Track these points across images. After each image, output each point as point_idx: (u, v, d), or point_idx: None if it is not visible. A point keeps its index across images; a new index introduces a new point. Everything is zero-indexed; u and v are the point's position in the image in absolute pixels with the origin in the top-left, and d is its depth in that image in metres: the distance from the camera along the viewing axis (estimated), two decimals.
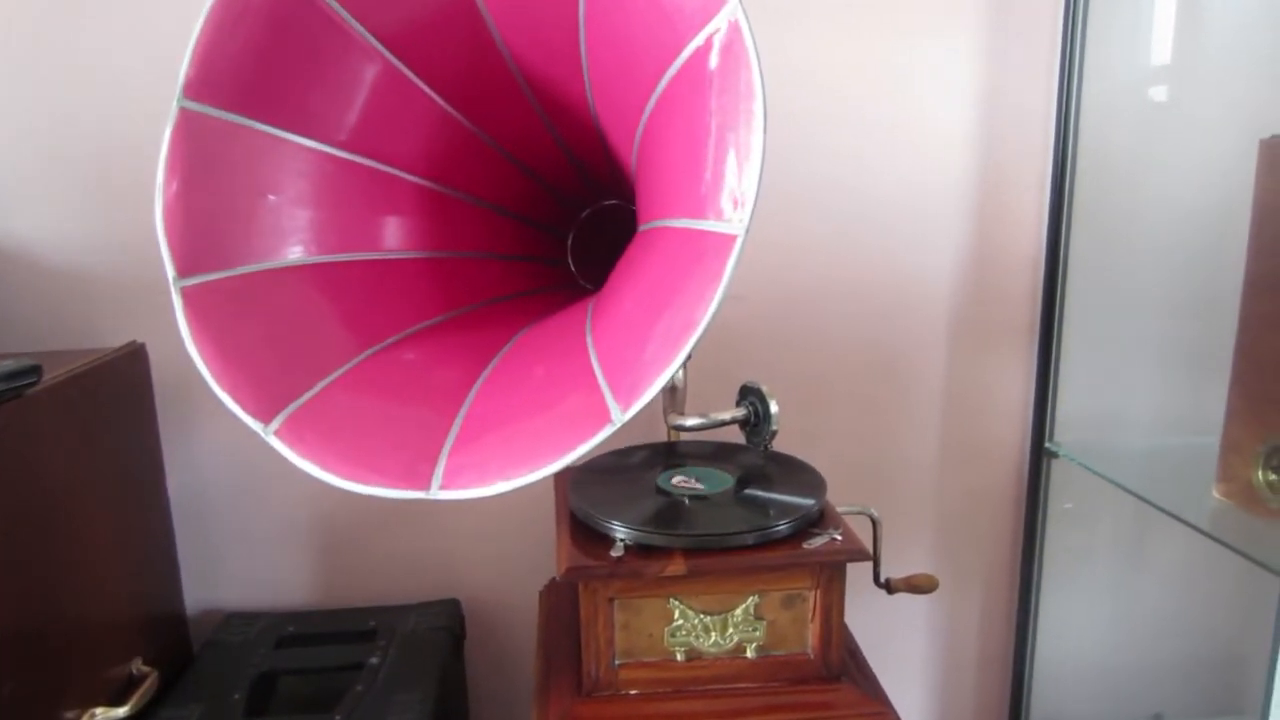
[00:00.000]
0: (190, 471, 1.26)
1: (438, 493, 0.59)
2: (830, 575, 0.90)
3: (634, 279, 0.64)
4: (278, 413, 0.65)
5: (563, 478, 1.11)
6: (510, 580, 1.37)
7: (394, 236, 0.77)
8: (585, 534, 0.93)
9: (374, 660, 1.13)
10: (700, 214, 0.56)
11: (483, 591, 1.38)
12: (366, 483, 0.60)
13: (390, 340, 0.71)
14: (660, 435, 1.16)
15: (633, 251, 0.65)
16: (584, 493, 0.99)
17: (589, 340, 0.63)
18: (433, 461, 0.60)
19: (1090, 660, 1.43)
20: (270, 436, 0.63)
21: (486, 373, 0.69)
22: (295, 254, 0.71)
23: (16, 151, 1.15)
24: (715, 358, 1.26)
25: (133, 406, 1.06)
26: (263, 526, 1.31)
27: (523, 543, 1.37)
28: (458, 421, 0.63)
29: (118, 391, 1.03)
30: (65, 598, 0.94)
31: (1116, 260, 1.30)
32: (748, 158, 0.53)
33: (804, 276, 1.30)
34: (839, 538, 0.91)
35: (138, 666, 1.05)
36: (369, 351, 0.69)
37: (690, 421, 1.06)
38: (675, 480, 1.03)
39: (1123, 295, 1.31)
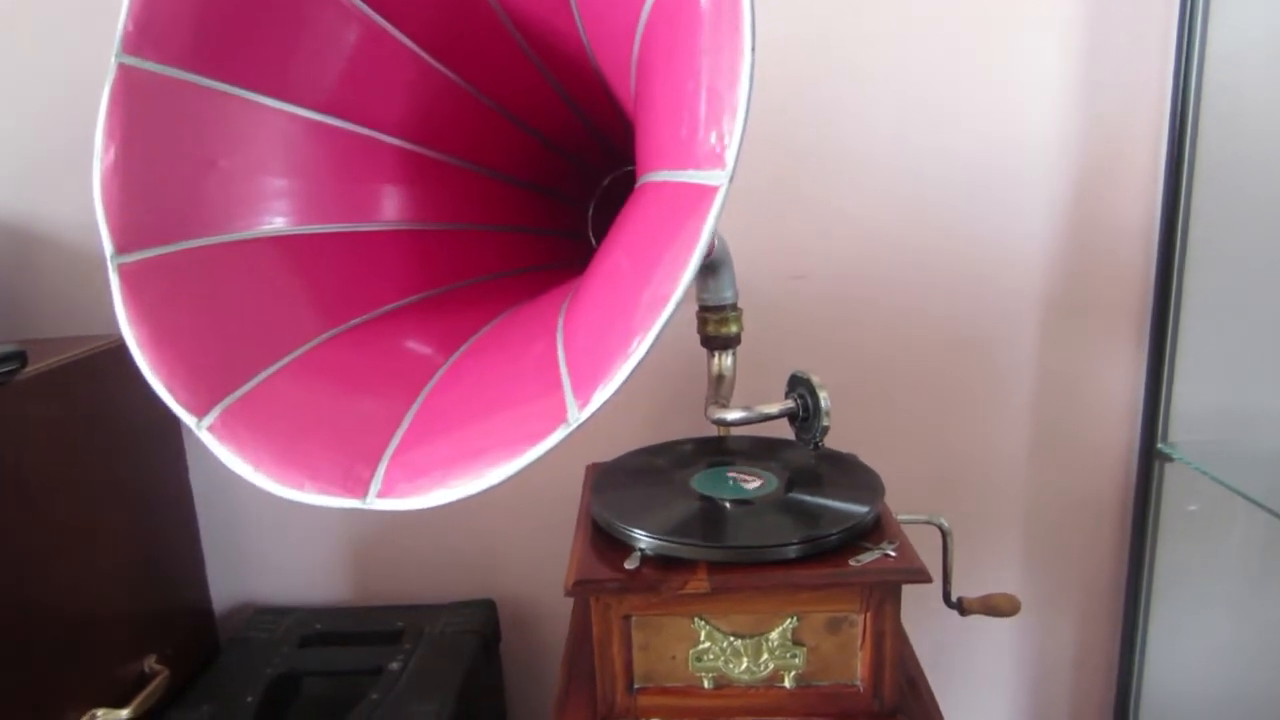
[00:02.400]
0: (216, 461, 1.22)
1: (374, 501, 0.50)
2: (882, 597, 0.78)
3: (609, 247, 0.53)
4: (215, 404, 0.57)
5: (588, 477, 1.01)
6: (550, 582, 1.27)
7: (370, 206, 0.68)
8: (604, 542, 0.83)
9: (394, 665, 1.06)
10: (680, 163, 0.45)
11: (522, 593, 1.30)
12: (299, 487, 0.52)
13: (355, 322, 0.63)
14: (709, 430, 1.05)
15: (621, 216, 0.54)
16: (605, 495, 0.89)
17: (560, 323, 0.53)
18: (373, 464, 0.51)
19: (1206, 694, 1.25)
20: (202, 432, 0.56)
21: (451, 360, 0.60)
22: (250, 227, 0.63)
23: (41, 134, 1.13)
24: (770, 343, 1.14)
25: (144, 391, 1.01)
26: (295, 519, 1.26)
27: (564, 542, 1.27)
28: (408, 417, 0.54)
29: (126, 376, 0.98)
30: (65, 592, 0.89)
31: (1245, 231, 1.11)
32: (734, 84, 0.42)
33: (874, 249, 1.16)
34: (893, 553, 0.78)
35: (150, 664, 1.01)
36: (327, 335, 0.61)
37: (732, 415, 0.95)
38: (711, 481, 0.91)
39: (1252, 272, 1.12)
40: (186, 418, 0.56)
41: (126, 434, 0.99)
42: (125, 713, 0.92)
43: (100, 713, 0.91)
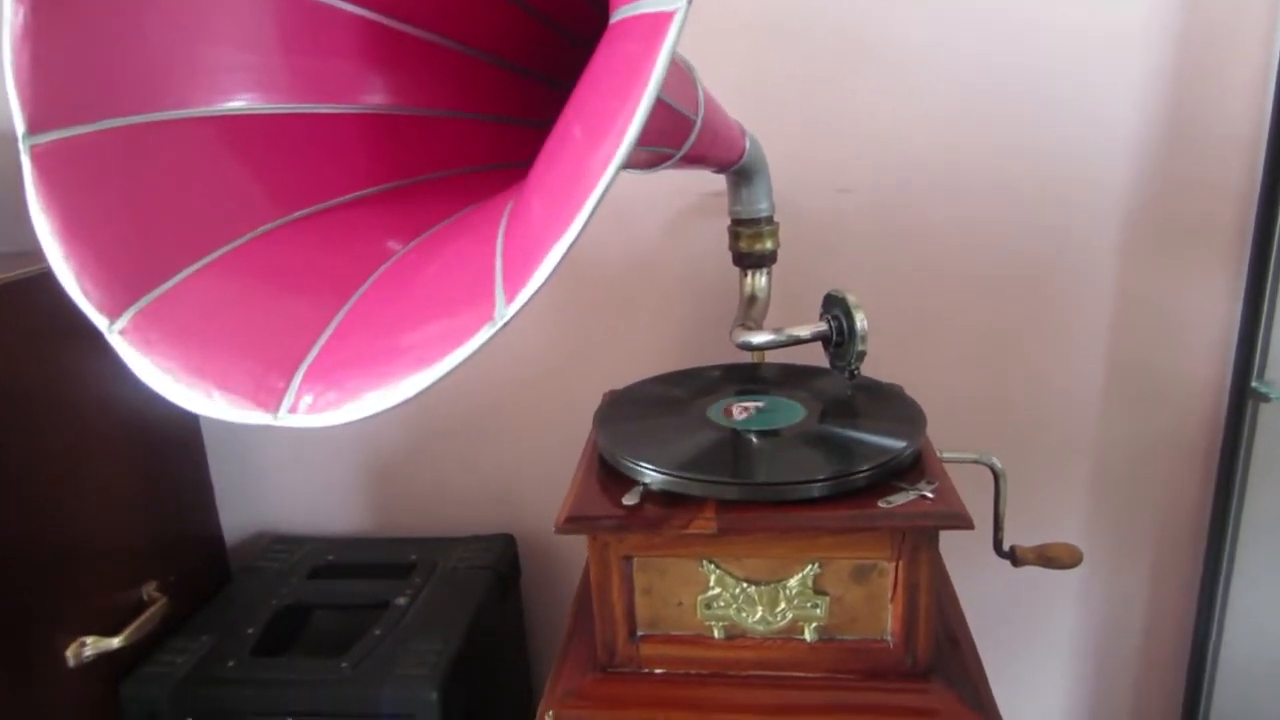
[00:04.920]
0: None
1: (285, 417, 0.43)
2: (916, 544, 0.68)
3: (564, 114, 0.43)
4: (130, 305, 0.49)
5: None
6: None
7: (325, 85, 0.59)
8: (609, 476, 0.75)
9: (401, 600, 1.01)
10: None
11: (546, 528, 1.23)
12: (205, 396, 0.44)
13: (297, 215, 0.54)
14: (744, 357, 0.95)
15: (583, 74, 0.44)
16: (613, 426, 0.81)
17: (506, 211, 0.44)
18: (289, 375, 0.44)
19: None
20: (113, 336, 0.48)
21: (392, 260, 0.51)
22: (184, 105, 0.55)
23: None
24: (811, 264, 1.03)
25: None
26: (308, 445, 1.21)
27: None
28: (334, 322, 0.46)
29: None
30: (48, 514, 0.86)
31: None
32: None
33: (929, 159, 1.03)
34: (930, 495, 0.68)
35: (149, 592, 0.97)
36: (263, 228, 0.53)
37: (759, 338, 0.85)
38: (730, 411, 0.82)
39: None
40: (97, 319, 0.49)
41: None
42: (116, 641, 0.89)
43: (90, 640, 0.88)
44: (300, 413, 0.42)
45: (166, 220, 0.53)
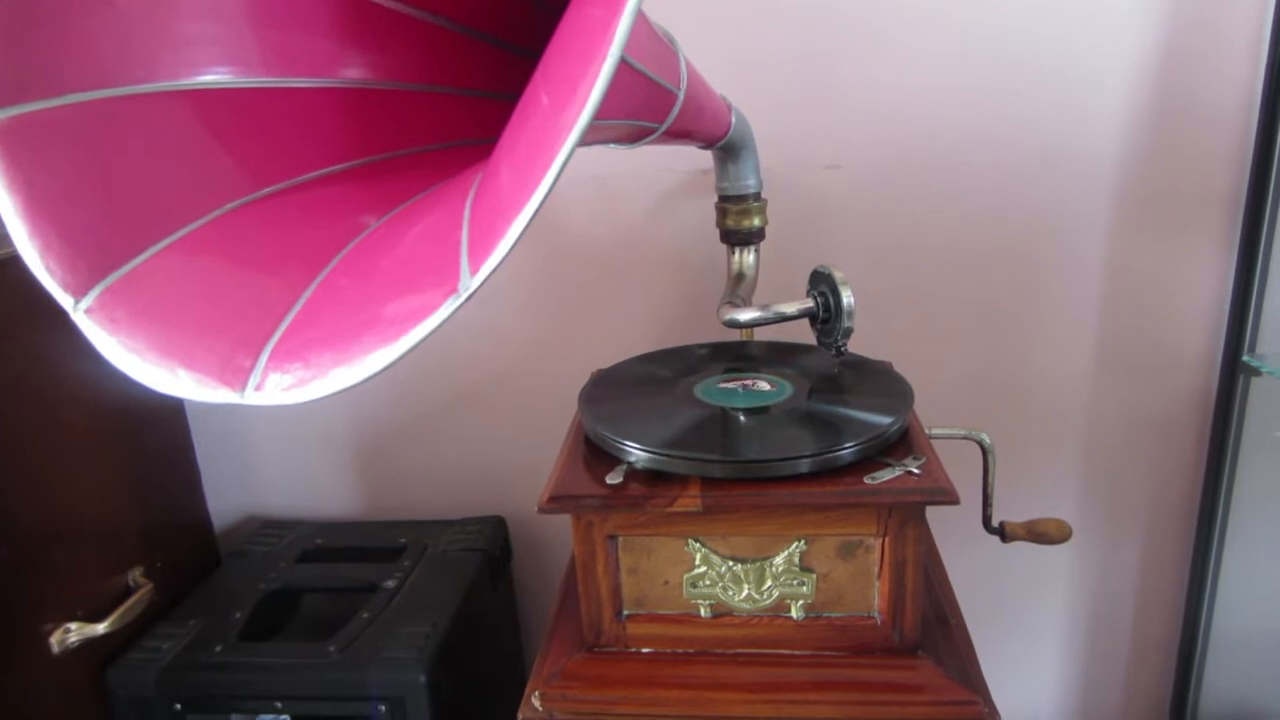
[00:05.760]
0: None
1: (252, 395, 0.42)
2: (903, 520, 0.67)
3: (533, 77, 0.42)
4: (95, 284, 0.48)
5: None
6: None
7: (297, 59, 0.58)
8: (593, 455, 0.75)
9: (390, 583, 1.00)
10: None
11: (536, 509, 1.22)
12: (173, 374, 0.43)
13: (266, 191, 0.53)
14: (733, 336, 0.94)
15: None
16: (598, 405, 0.80)
17: (475, 183, 0.43)
18: (256, 353, 0.43)
19: None
20: (79, 315, 0.47)
21: (363, 235, 0.50)
22: (151, 79, 0.54)
23: None
24: (799, 241, 1.02)
25: None
26: (295, 429, 1.20)
27: None
28: (302, 299, 0.45)
29: None
30: (28, 498, 0.85)
31: None
32: None
33: (918, 135, 1.02)
34: (916, 471, 0.67)
35: (135, 577, 0.97)
36: (232, 205, 0.52)
37: (745, 315, 0.84)
38: (717, 389, 0.81)
39: None
40: (63, 299, 0.48)
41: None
42: (102, 626, 0.88)
43: (75, 626, 0.87)
44: (267, 390, 0.41)
45: (133, 197, 0.52)
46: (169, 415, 1.08)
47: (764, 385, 0.82)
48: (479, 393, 1.17)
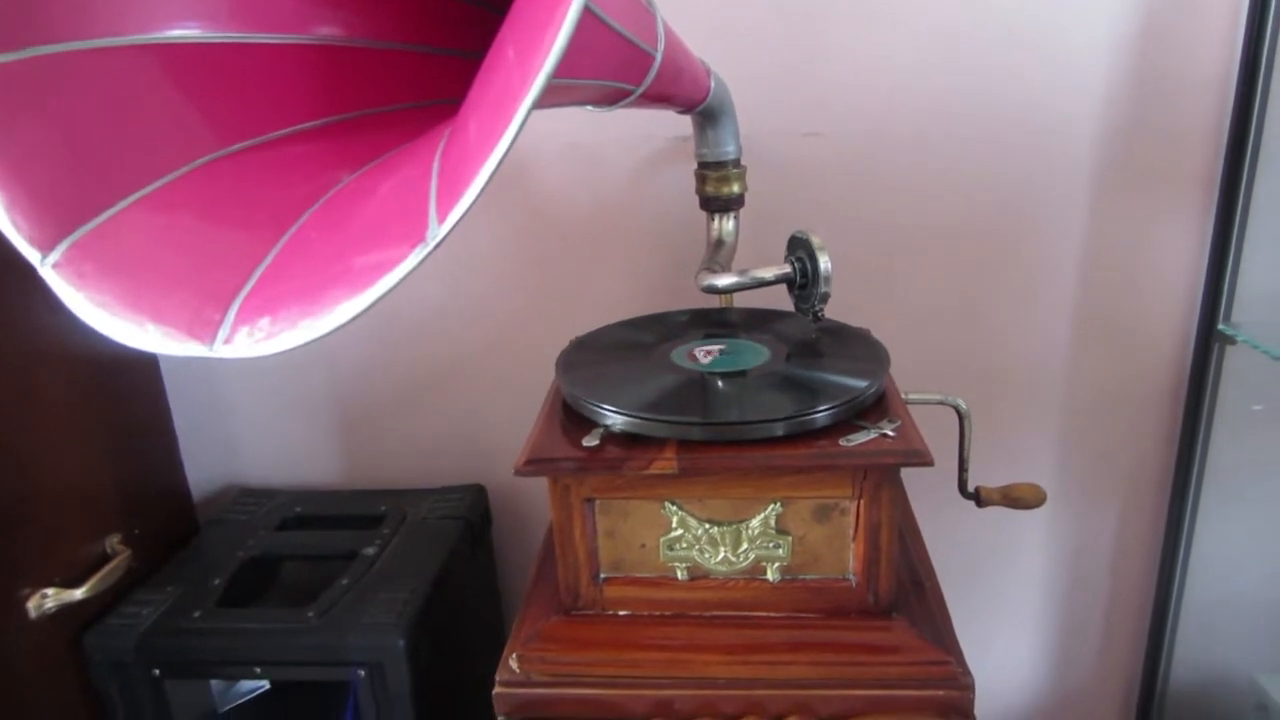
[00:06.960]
0: None
1: (221, 349, 0.41)
2: (878, 482, 0.68)
3: (500, 30, 0.41)
4: (62, 239, 0.48)
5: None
6: None
7: (267, 13, 0.57)
8: (571, 419, 0.75)
9: (370, 551, 1.00)
10: None
11: (517, 478, 1.22)
12: (141, 329, 0.43)
13: (238, 146, 0.53)
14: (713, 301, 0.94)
15: None
16: (576, 370, 0.80)
17: (445, 135, 0.42)
18: (225, 306, 0.43)
19: (1255, 601, 1.14)
20: (46, 269, 0.47)
21: (335, 190, 0.50)
22: (117, 32, 0.53)
23: None
24: (779, 208, 1.02)
25: None
26: (271, 395, 1.19)
27: None
28: (272, 253, 0.45)
29: None
30: (1, 469, 0.84)
31: None
32: None
33: (898, 104, 1.01)
34: (891, 434, 0.68)
35: (113, 544, 0.96)
36: (202, 160, 0.51)
37: (723, 281, 0.85)
38: (693, 354, 0.81)
39: None
40: (29, 253, 0.48)
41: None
42: (79, 593, 0.88)
43: (51, 592, 0.87)
44: (236, 344, 0.41)
45: (101, 152, 0.52)
46: (146, 383, 1.08)
47: (742, 350, 0.82)
48: (460, 361, 1.16)
